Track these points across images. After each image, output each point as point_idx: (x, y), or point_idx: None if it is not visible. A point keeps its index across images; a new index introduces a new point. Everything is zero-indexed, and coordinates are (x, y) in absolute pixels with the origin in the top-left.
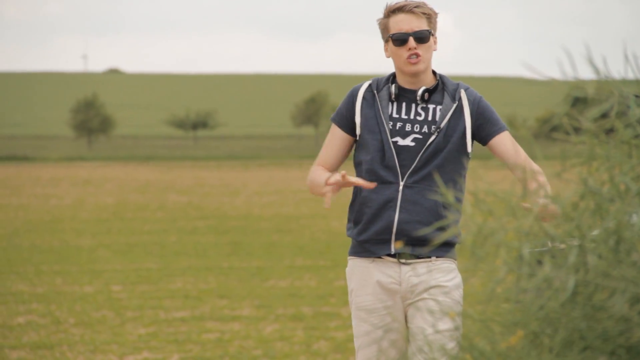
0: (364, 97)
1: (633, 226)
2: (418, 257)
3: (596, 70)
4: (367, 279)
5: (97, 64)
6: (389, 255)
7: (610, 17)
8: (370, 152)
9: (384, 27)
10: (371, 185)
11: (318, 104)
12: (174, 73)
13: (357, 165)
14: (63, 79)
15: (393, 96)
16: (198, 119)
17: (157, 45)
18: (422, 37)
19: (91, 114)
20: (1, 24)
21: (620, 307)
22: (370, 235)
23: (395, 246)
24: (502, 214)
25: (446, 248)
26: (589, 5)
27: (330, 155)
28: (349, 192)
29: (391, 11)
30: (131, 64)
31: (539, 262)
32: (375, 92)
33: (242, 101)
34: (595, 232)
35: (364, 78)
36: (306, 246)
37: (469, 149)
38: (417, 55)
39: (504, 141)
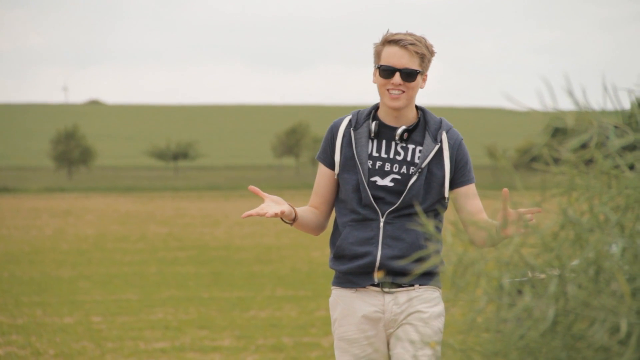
0: (343, 135)
1: (612, 256)
2: (401, 286)
3: (576, 101)
4: (350, 309)
5: (78, 95)
6: (372, 285)
7: (590, 48)
8: (348, 192)
9: (377, 54)
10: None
11: (299, 135)
12: (154, 104)
13: (339, 202)
14: (43, 110)
15: (372, 134)
16: (179, 149)
17: (137, 76)
18: (410, 75)
19: (72, 145)
20: None
21: (600, 337)
22: (354, 268)
23: (377, 276)
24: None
25: (429, 276)
26: (568, 36)
27: (319, 195)
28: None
29: (387, 41)
30: (112, 95)
31: (519, 292)
32: (352, 130)
33: (223, 132)
34: (575, 262)
35: (345, 109)
36: (287, 276)
37: (446, 194)
38: (401, 91)
39: (466, 194)
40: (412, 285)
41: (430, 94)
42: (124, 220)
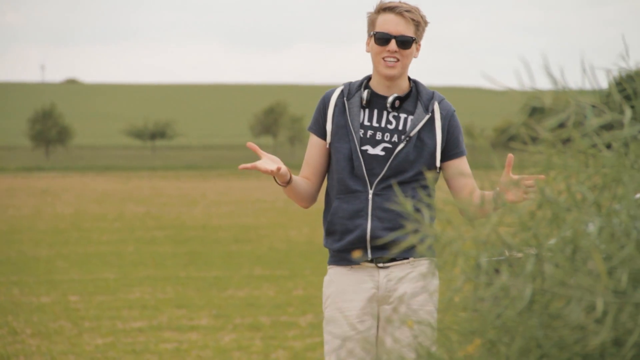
0: (335, 104)
1: (589, 235)
2: (395, 260)
3: (553, 80)
4: (345, 287)
5: (55, 74)
6: (367, 261)
7: (568, 28)
8: (339, 161)
9: (371, 22)
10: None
11: (277, 114)
12: (132, 83)
13: (330, 173)
14: (21, 89)
15: (364, 102)
16: (156, 129)
17: (115, 55)
18: (405, 43)
19: (49, 124)
20: None
21: (576, 316)
22: (345, 244)
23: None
24: (460, 222)
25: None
26: (546, 16)
27: (310, 165)
28: (320, 202)
29: (382, 8)
30: (89, 74)
31: (497, 271)
32: (345, 99)
33: (201, 111)
34: (552, 241)
35: (323, 88)
36: (264, 256)
37: (438, 164)
38: (396, 59)
39: (457, 166)
40: (407, 258)
41: (409, 73)
42: (101, 199)
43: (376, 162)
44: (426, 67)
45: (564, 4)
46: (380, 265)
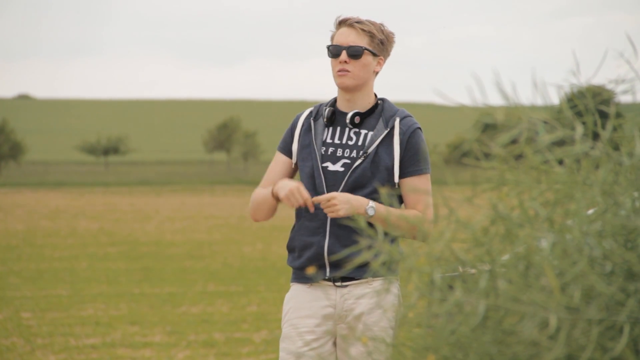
0: (302, 124)
1: (542, 251)
2: (354, 279)
3: (505, 96)
4: (302, 304)
5: (7, 90)
6: (325, 279)
7: (520, 44)
8: (303, 180)
9: (330, 39)
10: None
11: (230, 130)
12: (84, 99)
13: None
14: None
15: (326, 120)
16: (109, 144)
17: (67, 70)
18: (355, 54)
19: (1, 139)
20: None
21: (529, 332)
22: (304, 262)
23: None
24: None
25: (382, 266)
26: (498, 31)
27: (272, 177)
28: (280, 220)
29: (337, 24)
30: (41, 90)
31: (450, 287)
32: (312, 120)
33: (154, 127)
34: (505, 257)
35: (277, 104)
36: (218, 272)
37: (396, 180)
38: (347, 70)
39: (411, 184)
40: (365, 277)
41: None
42: (54, 215)
43: (335, 179)
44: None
45: (515, 20)
46: (338, 284)
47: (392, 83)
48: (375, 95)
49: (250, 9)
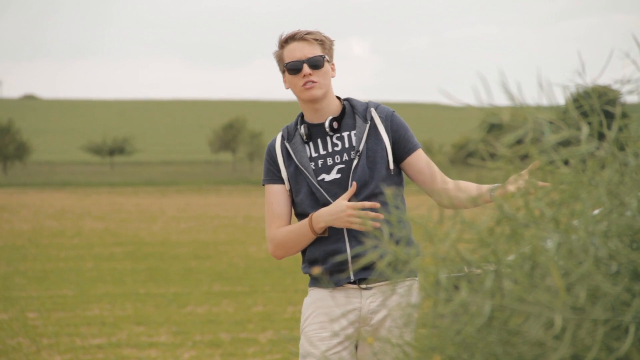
0: (281, 151)
1: (547, 251)
2: (378, 281)
3: (511, 96)
4: (324, 308)
5: (13, 90)
6: (350, 282)
7: (525, 44)
8: (303, 201)
9: (279, 59)
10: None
11: (236, 130)
12: (90, 99)
13: (300, 217)
14: None
15: (305, 137)
16: (115, 144)
17: (73, 71)
18: (316, 64)
19: (7, 140)
20: None
21: (535, 332)
22: (328, 267)
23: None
24: (420, 239)
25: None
26: (502, 31)
27: (279, 215)
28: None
29: (284, 41)
30: (47, 90)
31: (456, 287)
32: (287, 143)
33: (160, 127)
34: (510, 257)
35: (282, 104)
36: (224, 272)
37: (391, 165)
38: (313, 81)
39: (418, 160)
40: (388, 279)
41: (367, 89)
42: (59, 215)
43: (336, 186)
44: (385, 84)
45: (520, 20)
46: (363, 286)
47: (398, 83)
48: (338, 98)
49: (256, 10)
